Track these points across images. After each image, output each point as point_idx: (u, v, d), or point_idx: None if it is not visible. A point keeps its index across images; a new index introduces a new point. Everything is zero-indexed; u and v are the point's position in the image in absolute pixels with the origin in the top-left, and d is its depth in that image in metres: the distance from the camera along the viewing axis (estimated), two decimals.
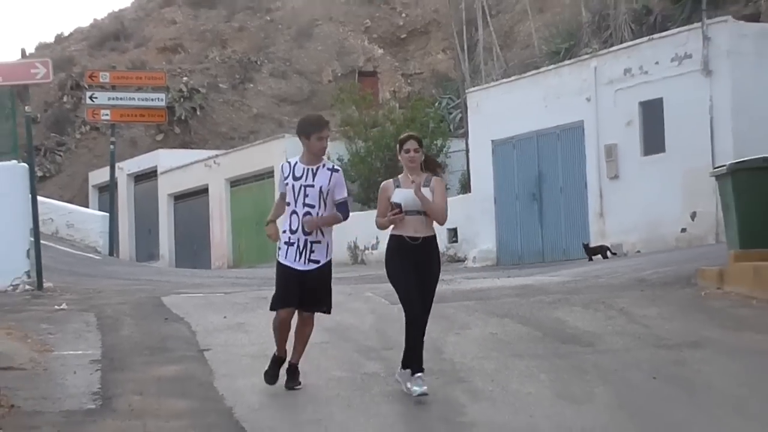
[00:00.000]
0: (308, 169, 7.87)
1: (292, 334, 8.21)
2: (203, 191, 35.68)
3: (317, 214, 7.84)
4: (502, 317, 10.81)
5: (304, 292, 7.88)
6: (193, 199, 36.45)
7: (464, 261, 23.82)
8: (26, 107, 18.18)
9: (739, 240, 13.03)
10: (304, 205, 7.80)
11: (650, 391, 7.90)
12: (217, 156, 35.48)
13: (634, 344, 9.53)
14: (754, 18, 20.76)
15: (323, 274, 8.01)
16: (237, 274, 24.91)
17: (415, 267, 7.78)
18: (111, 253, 31.44)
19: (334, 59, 42.69)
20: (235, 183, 34.52)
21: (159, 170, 37.82)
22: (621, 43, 23.26)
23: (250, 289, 15.98)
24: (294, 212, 7.85)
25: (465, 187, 26.52)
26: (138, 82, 35.15)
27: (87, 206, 37.32)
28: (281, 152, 31.76)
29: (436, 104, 33.26)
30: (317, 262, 7.90)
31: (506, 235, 23.36)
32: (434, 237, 8.00)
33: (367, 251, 27.14)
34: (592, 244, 20.23)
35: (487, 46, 30.47)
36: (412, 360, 7.65)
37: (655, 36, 21.22)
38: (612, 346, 9.38)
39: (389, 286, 14.53)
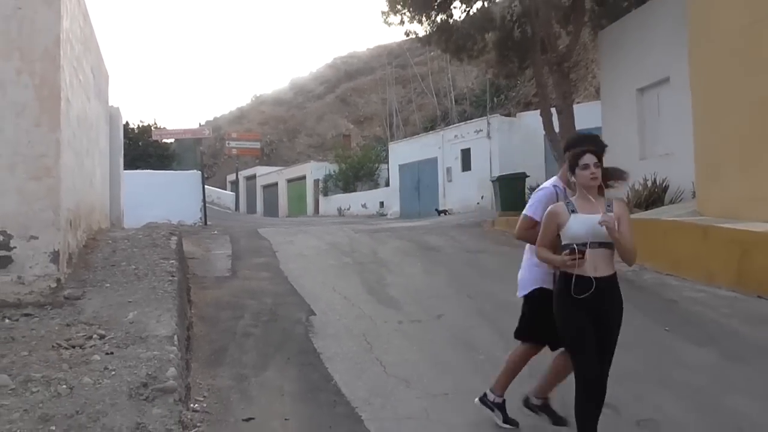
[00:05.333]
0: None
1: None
2: (276, 184, 34.93)
3: None
4: (401, 239, 10.84)
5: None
6: (271, 187, 35.63)
7: (386, 215, 23.77)
8: (200, 147, 17.95)
9: (500, 208, 13.32)
10: None
11: (464, 271, 7.96)
12: (281, 169, 34.73)
13: (456, 251, 9.58)
14: (509, 115, 20.97)
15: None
16: (290, 220, 24.69)
17: (593, 314, 2.78)
18: (236, 210, 31.07)
19: (333, 129, 42.13)
20: (289, 181, 33.82)
21: (257, 175, 36.99)
22: (453, 124, 23.24)
23: (295, 227, 15.79)
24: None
25: (387, 184, 26.38)
26: (247, 137, 34.54)
27: (225, 190, 36.76)
28: (309, 169, 31.44)
29: (375, 149, 32.85)
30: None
31: (404, 204, 23.09)
32: (615, 275, 2.85)
33: (344, 210, 27.01)
34: (440, 209, 20.33)
35: (398, 125, 30.36)
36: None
37: (468, 122, 21.10)
38: (447, 251, 9.46)
39: (359, 225, 14.54)
